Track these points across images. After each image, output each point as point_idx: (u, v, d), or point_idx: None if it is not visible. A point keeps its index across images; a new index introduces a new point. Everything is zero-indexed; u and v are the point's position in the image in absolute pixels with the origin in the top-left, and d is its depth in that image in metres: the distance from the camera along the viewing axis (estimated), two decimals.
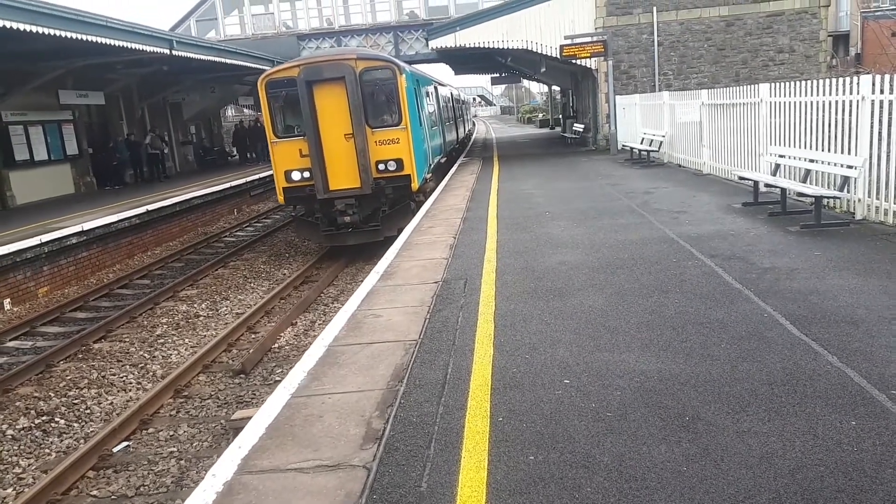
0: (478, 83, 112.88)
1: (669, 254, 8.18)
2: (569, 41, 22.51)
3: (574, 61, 23.34)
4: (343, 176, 14.20)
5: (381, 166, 14.28)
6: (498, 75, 47.40)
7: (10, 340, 11.13)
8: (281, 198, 14.91)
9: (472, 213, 12.55)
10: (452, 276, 7.97)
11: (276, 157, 14.40)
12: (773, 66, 23.69)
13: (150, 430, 7.53)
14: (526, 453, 3.83)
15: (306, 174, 14.15)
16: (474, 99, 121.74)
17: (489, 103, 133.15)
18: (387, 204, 14.79)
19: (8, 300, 13.12)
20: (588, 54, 22.44)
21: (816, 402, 4.18)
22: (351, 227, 14.62)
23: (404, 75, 14.29)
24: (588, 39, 22.48)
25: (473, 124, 72.76)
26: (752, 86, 12.92)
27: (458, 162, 25.25)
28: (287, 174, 14.34)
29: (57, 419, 8.04)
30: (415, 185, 14.67)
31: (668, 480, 3.45)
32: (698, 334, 5.46)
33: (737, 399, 4.29)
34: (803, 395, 4.28)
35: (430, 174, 17.24)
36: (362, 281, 8.48)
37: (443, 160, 21.18)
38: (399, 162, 14.34)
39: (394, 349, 5.65)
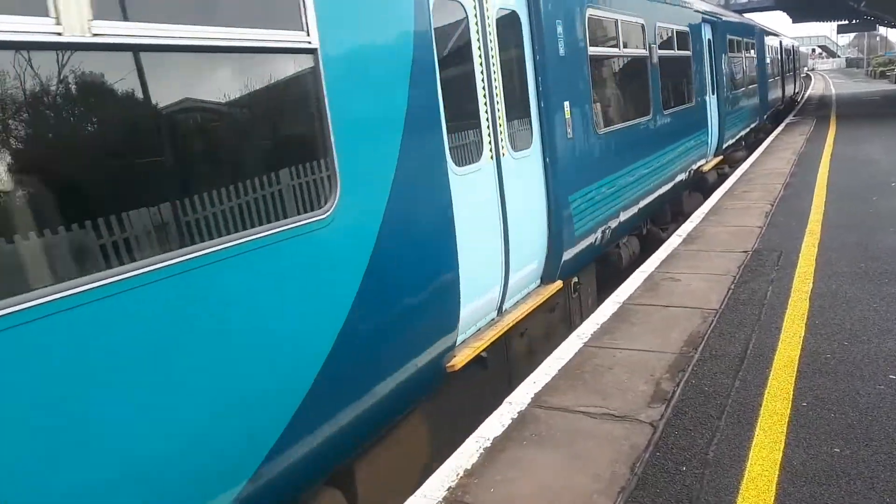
0: (819, 32, 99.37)
1: None
2: None
3: None
4: None
5: None
6: (846, 22, 41.01)
7: None
8: None
9: (796, 179, 11.33)
10: (765, 246, 7.38)
11: None
12: None
13: None
14: (831, 444, 3.54)
15: None
16: (813, 50, 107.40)
17: (832, 55, 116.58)
18: None
19: None
20: None
21: None
22: None
23: None
24: None
25: (809, 77, 64.35)
26: None
27: (786, 121, 22.75)
28: None
29: None
30: None
31: None
32: None
33: None
34: None
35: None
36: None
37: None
38: None
39: (690, 315, 5.52)
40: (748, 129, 16.37)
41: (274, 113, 3.26)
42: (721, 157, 12.89)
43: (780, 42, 25.58)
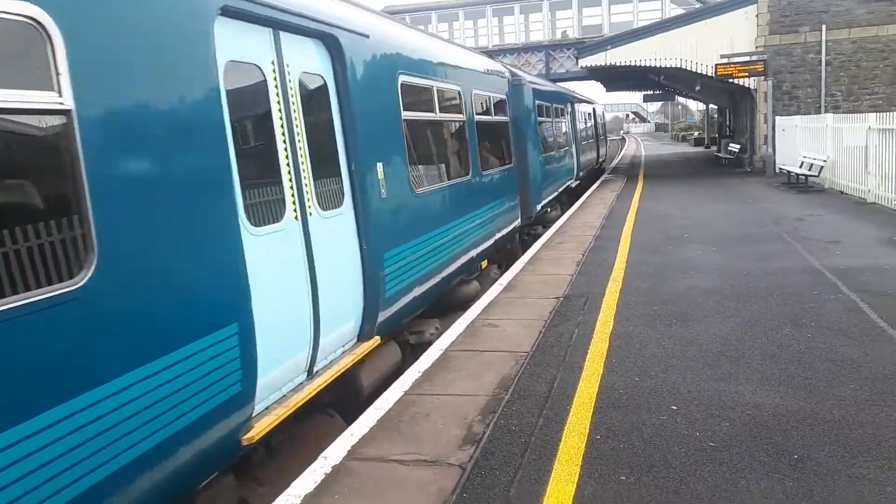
0: (632, 100, 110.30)
1: (812, 285, 7.68)
2: (725, 60, 21.54)
3: (730, 80, 22.30)
4: None
5: None
6: (651, 92, 46.05)
7: None
8: None
9: (605, 232, 12.40)
10: (574, 293, 7.98)
11: None
12: None
13: None
14: (618, 473, 3.85)
15: None
16: (627, 115, 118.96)
17: (643, 120, 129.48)
18: None
19: None
20: (746, 74, 21.33)
21: None
22: None
23: None
24: (746, 59, 21.38)
25: (624, 140, 71.08)
26: None
27: (601, 179, 24.91)
28: None
29: None
30: None
31: None
32: (827, 371, 5.15)
33: (856, 443, 4.03)
34: None
35: None
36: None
37: None
38: None
39: (504, 359, 5.81)
40: (493, 242, 9.82)
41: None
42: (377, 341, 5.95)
43: (572, 105, 21.18)
